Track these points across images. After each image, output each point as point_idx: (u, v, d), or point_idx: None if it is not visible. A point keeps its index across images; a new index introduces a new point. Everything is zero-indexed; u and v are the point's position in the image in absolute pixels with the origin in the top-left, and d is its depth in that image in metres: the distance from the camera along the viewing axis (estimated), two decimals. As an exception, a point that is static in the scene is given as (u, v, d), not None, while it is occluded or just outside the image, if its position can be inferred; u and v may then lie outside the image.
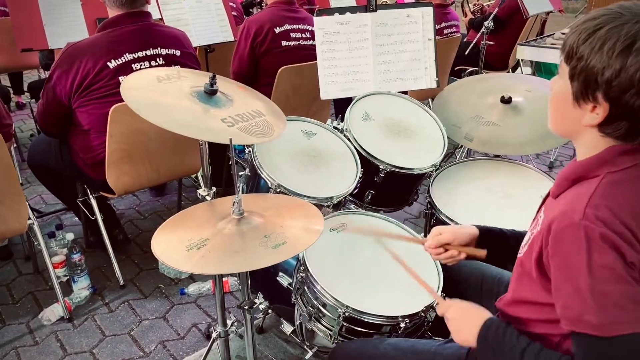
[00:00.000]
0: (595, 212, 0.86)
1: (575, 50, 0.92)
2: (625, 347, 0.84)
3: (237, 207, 1.27)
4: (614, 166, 0.94)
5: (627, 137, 0.93)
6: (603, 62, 0.87)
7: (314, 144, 1.78)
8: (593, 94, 0.91)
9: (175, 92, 1.40)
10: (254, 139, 1.34)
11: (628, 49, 0.85)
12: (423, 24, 2.22)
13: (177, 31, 2.42)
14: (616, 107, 0.89)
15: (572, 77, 0.93)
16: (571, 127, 0.99)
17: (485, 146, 1.96)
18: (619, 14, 0.88)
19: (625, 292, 0.84)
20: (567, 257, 0.88)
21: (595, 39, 0.88)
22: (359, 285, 1.44)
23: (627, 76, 0.86)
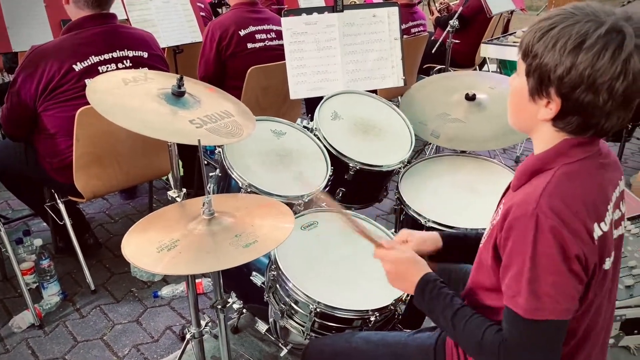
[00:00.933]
0: (548, 202, 0.91)
1: (530, 48, 0.96)
2: (545, 330, 0.92)
3: (207, 207, 1.28)
4: (568, 158, 0.98)
5: (578, 131, 0.97)
6: (555, 59, 0.92)
7: (284, 144, 1.80)
8: (547, 90, 0.95)
9: (142, 94, 1.40)
10: (223, 139, 1.35)
11: (578, 47, 0.90)
12: (389, 24, 2.26)
13: (144, 33, 2.40)
14: (567, 103, 0.94)
15: (527, 74, 0.98)
16: (528, 121, 1.04)
17: (451, 142, 2.01)
18: (571, 14, 0.93)
19: (559, 284, 0.91)
20: (517, 243, 0.93)
21: (548, 37, 0.93)
22: (330, 281, 1.47)
23: (577, 73, 0.90)
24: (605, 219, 0.96)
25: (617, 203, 1.06)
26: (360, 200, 2.03)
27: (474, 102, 2.09)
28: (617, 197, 1.04)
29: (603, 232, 0.95)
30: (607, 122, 0.95)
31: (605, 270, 0.98)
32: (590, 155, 0.99)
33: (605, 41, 0.88)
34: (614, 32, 0.89)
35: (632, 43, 0.89)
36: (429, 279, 1.12)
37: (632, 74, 0.89)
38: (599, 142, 1.01)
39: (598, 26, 0.89)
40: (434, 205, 1.84)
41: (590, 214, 0.93)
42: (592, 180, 0.98)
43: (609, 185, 1.01)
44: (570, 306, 0.92)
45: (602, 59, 0.88)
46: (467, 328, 1.02)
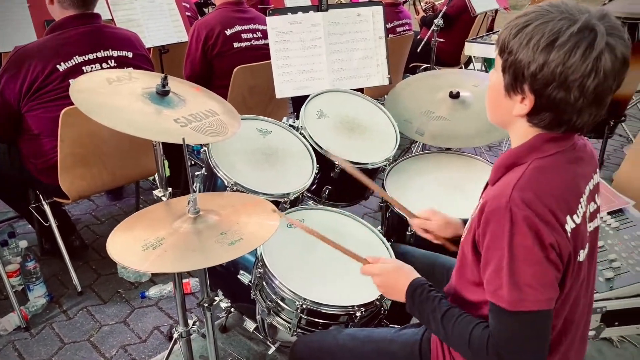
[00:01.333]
0: (520, 195, 0.93)
1: (506, 45, 0.98)
2: (530, 321, 0.93)
3: (193, 205, 1.28)
4: (540, 153, 1.01)
5: (552, 126, 1.00)
6: (529, 56, 0.94)
7: (270, 142, 1.81)
8: (521, 86, 0.97)
9: (126, 94, 1.40)
10: (208, 138, 1.36)
11: (551, 45, 0.91)
12: (374, 23, 2.28)
13: (128, 32, 2.39)
14: (541, 99, 0.96)
15: (503, 70, 1.00)
16: (504, 117, 1.06)
17: (435, 140, 2.03)
18: (547, 12, 0.95)
19: (538, 274, 0.92)
20: (493, 237, 0.95)
21: (523, 34, 0.95)
22: (316, 278, 1.48)
23: (549, 70, 0.92)
24: (578, 212, 0.98)
25: (592, 196, 1.08)
26: (346, 198, 2.04)
27: (458, 99, 2.11)
28: (591, 190, 1.06)
29: (576, 225, 0.97)
30: (579, 118, 0.97)
31: (580, 262, 1.00)
32: (563, 150, 1.01)
33: (577, 39, 0.90)
34: (586, 30, 0.91)
35: (603, 41, 0.90)
36: (417, 284, 1.14)
37: (602, 72, 0.91)
38: (572, 137, 1.03)
39: (571, 24, 0.91)
40: (419, 203, 1.84)
41: (561, 207, 0.95)
42: (564, 175, 1.00)
43: (582, 179, 1.03)
44: (552, 295, 0.94)
45: (573, 56, 0.90)
46: (456, 328, 1.03)
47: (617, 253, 1.56)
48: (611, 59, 0.91)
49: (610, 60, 0.91)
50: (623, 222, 1.68)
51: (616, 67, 0.93)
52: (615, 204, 1.76)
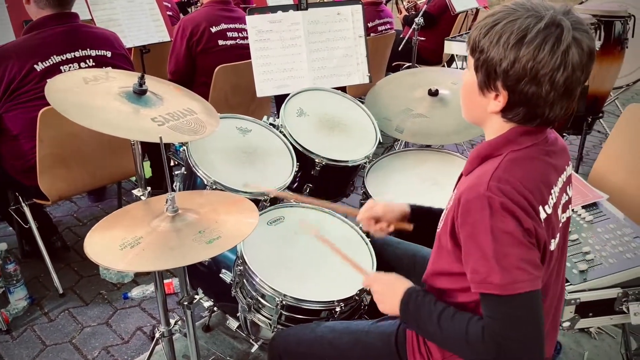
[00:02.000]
0: (497, 185, 0.95)
1: (477, 44, 1.00)
2: (524, 303, 0.94)
3: (171, 204, 1.29)
4: (516, 145, 1.03)
5: (525, 120, 1.03)
6: (500, 54, 0.96)
7: (250, 141, 1.81)
8: (494, 83, 1.00)
9: (103, 93, 1.40)
10: (185, 136, 1.36)
11: (520, 42, 0.94)
12: (353, 22, 2.30)
13: (107, 32, 2.38)
14: (514, 95, 0.99)
15: (476, 69, 1.02)
16: (479, 114, 1.09)
17: (414, 137, 2.05)
18: (513, 10, 0.98)
19: (524, 255, 0.94)
20: (473, 226, 0.97)
21: (493, 33, 0.97)
22: (296, 274, 1.49)
23: (520, 66, 0.95)
24: (549, 202, 1.01)
25: (564, 188, 1.11)
26: (327, 195, 2.04)
27: (437, 97, 2.13)
28: (563, 182, 1.10)
29: (547, 215, 1.00)
30: (551, 111, 1.00)
31: (551, 251, 1.03)
32: (537, 143, 1.04)
33: (544, 35, 0.93)
34: (553, 25, 0.94)
35: (570, 35, 0.94)
36: (413, 290, 1.14)
37: (571, 65, 0.94)
38: (545, 130, 1.06)
39: (538, 21, 0.94)
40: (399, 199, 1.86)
41: (535, 197, 0.98)
42: (538, 166, 1.03)
43: (554, 171, 1.06)
44: (539, 274, 0.96)
45: (542, 51, 0.93)
46: (453, 326, 1.02)
47: (590, 246, 1.59)
48: (578, 52, 0.95)
49: (577, 53, 0.94)
50: (597, 215, 1.72)
51: (583, 59, 0.96)
52: (589, 197, 1.79)
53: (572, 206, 1.79)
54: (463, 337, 1.00)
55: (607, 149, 2.10)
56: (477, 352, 0.99)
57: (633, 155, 1.96)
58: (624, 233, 1.62)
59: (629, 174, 1.96)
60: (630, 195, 1.93)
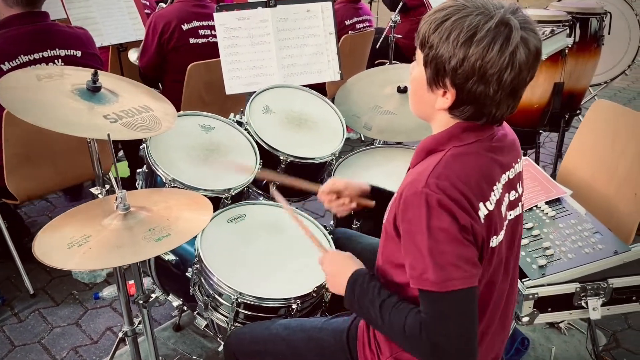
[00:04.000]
0: (435, 181, 0.95)
1: (426, 39, 0.99)
2: (458, 300, 0.94)
3: (121, 202, 1.28)
4: (459, 141, 1.03)
5: (472, 118, 1.02)
6: (449, 51, 0.96)
7: (212, 138, 1.80)
8: (442, 80, 0.99)
9: (56, 91, 1.38)
10: (138, 134, 1.35)
11: (470, 40, 0.94)
12: (323, 19, 2.29)
13: (79, 31, 2.36)
14: (461, 93, 0.98)
15: (425, 64, 1.01)
16: (427, 110, 1.08)
17: (382, 134, 2.05)
18: (463, 6, 0.97)
19: (459, 252, 0.94)
20: (411, 223, 0.97)
21: (443, 29, 0.96)
22: (254, 272, 1.49)
23: (469, 65, 0.94)
24: (491, 199, 1.01)
25: (512, 184, 1.10)
26: (295, 193, 2.04)
27: (405, 94, 2.13)
28: (510, 178, 1.09)
29: (489, 211, 1.00)
30: (497, 110, 1.00)
31: (493, 247, 1.03)
32: (481, 139, 1.03)
33: (494, 34, 0.93)
34: (502, 25, 0.94)
35: (518, 35, 0.94)
36: (359, 273, 1.13)
37: (518, 65, 0.95)
38: (492, 127, 1.06)
39: (487, 19, 0.94)
40: (366, 196, 1.87)
41: (475, 193, 0.98)
42: (480, 162, 1.02)
43: (499, 168, 1.06)
44: (475, 271, 0.96)
45: (491, 51, 0.93)
46: (394, 316, 1.02)
47: (551, 241, 1.60)
48: (525, 53, 0.95)
49: (524, 53, 0.94)
50: (559, 211, 1.72)
51: (530, 60, 0.96)
52: (553, 193, 1.80)
53: (537, 202, 1.81)
54: (401, 329, 1.00)
55: (575, 144, 2.11)
56: (412, 346, 0.99)
57: (599, 150, 1.97)
58: (585, 228, 1.63)
59: (595, 170, 1.97)
60: (595, 190, 1.94)
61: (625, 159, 1.86)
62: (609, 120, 1.98)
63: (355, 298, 1.10)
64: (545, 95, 3.02)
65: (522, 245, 1.61)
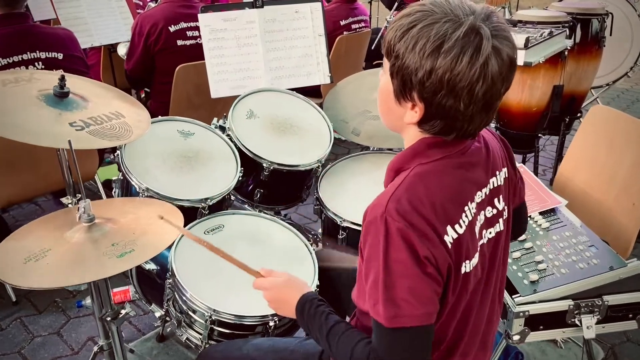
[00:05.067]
0: (395, 206, 0.88)
1: (392, 48, 0.91)
2: (408, 337, 0.88)
3: (85, 212, 1.21)
4: (424, 158, 0.95)
5: (442, 133, 0.94)
6: (416, 62, 0.87)
7: (191, 145, 1.73)
8: (410, 93, 0.91)
9: (20, 97, 1.32)
10: (105, 142, 1.28)
11: (437, 50, 0.85)
12: (313, 19, 2.22)
13: (61, 32, 2.30)
14: (430, 107, 0.90)
15: (392, 75, 0.93)
16: (396, 122, 1.00)
17: (371, 140, 1.97)
18: (431, 11, 0.88)
19: (414, 287, 0.87)
20: (371, 249, 0.90)
21: (409, 37, 0.88)
22: (230, 287, 1.42)
23: (437, 78, 0.86)
24: (461, 221, 0.93)
25: (487, 202, 1.02)
26: (281, 200, 1.97)
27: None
28: (486, 195, 1.01)
29: (458, 235, 0.92)
30: (470, 125, 0.92)
31: (466, 272, 0.95)
32: (449, 155, 0.95)
33: (462, 44, 0.85)
34: (472, 33, 0.85)
35: (490, 45, 0.85)
36: (306, 299, 1.07)
37: (490, 77, 0.86)
38: (463, 141, 0.97)
39: (456, 27, 0.85)
40: (352, 204, 1.80)
41: (440, 217, 0.90)
42: (447, 181, 0.94)
43: (472, 185, 0.98)
44: (431, 309, 0.89)
45: (460, 63, 0.85)
46: (340, 344, 0.96)
47: (544, 254, 1.52)
48: (498, 63, 0.86)
49: (497, 64, 0.86)
50: (554, 222, 1.64)
51: (503, 71, 0.88)
52: (548, 203, 1.72)
53: (531, 212, 1.72)
54: (348, 357, 0.94)
55: (571, 152, 2.03)
56: None
57: (595, 158, 1.89)
58: (579, 241, 1.55)
59: (592, 178, 1.89)
60: (592, 199, 1.86)
61: (623, 167, 1.78)
62: (607, 126, 1.90)
63: (304, 322, 1.05)
64: (544, 98, 2.94)
65: (513, 259, 1.54)
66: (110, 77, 3.58)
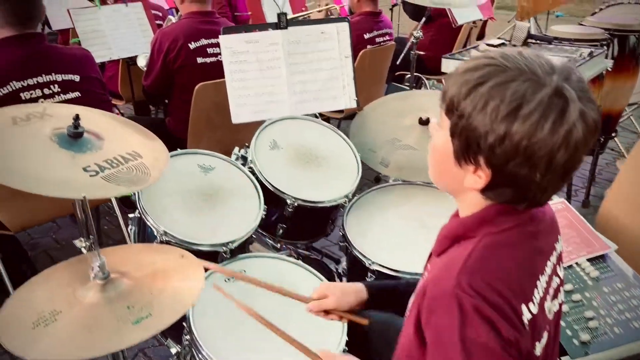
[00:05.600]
0: (469, 281, 0.77)
1: (456, 105, 0.81)
2: None
3: (99, 270, 1.11)
4: (493, 226, 0.85)
5: (510, 202, 0.84)
6: (486, 125, 0.77)
7: (212, 180, 1.62)
8: (474, 156, 0.81)
9: (31, 137, 1.22)
10: (121, 188, 1.18)
11: (514, 113, 0.75)
12: (339, 41, 2.10)
13: (78, 52, 2.22)
14: (499, 175, 0.80)
15: (453, 134, 0.83)
16: (452, 185, 0.90)
17: (401, 172, 1.86)
18: (503, 67, 0.78)
19: None
20: (440, 330, 0.79)
21: (477, 96, 0.78)
22: (253, 345, 1.30)
23: (511, 144, 0.76)
24: (534, 299, 0.83)
25: (554, 271, 0.92)
26: (304, 236, 1.87)
27: (427, 126, 1.93)
28: (553, 265, 0.91)
29: (532, 315, 0.81)
30: (543, 195, 0.82)
31: (536, 356, 0.84)
32: (520, 224, 0.85)
33: (545, 108, 0.74)
34: (556, 96, 0.75)
35: (576, 110, 0.75)
36: None
37: (574, 145, 0.76)
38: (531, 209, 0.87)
39: (537, 88, 0.75)
40: (381, 243, 1.68)
41: (516, 294, 0.79)
42: (520, 254, 0.84)
43: (542, 256, 0.88)
44: None
45: (541, 129, 0.75)
46: None
47: (595, 309, 1.39)
48: (583, 129, 0.76)
49: (582, 130, 0.76)
50: (603, 271, 1.51)
51: (588, 137, 0.78)
52: (596, 248, 1.58)
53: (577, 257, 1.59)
54: None
55: (617, 188, 1.88)
56: None
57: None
58: (632, 295, 1.42)
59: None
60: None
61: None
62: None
63: None
64: (579, 119, 2.80)
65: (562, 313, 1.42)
66: (128, 89, 3.52)
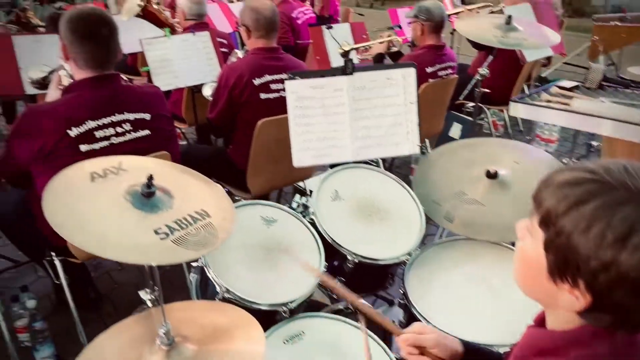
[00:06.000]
0: None
1: (553, 220, 0.75)
2: None
3: (164, 337, 1.13)
4: (587, 349, 0.78)
5: (610, 327, 0.77)
6: (589, 248, 0.71)
7: (274, 233, 1.62)
8: (572, 277, 0.75)
9: (106, 197, 1.26)
10: (190, 253, 1.20)
11: (622, 241, 0.69)
12: (405, 87, 2.07)
13: (149, 90, 2.30)
14: (600, 301, 0.74)
15: (547, 248, 0.78)
16: (545, 299, 0.84)
17: (466, 229, 1.78)
18: (609, 185, 0.72)
19: None
20: None
21: (579, 215, 0.72)
22: None
23: (617, 272, 0.70)
24: None
25: None
26: (362, 289, 1.83)
27: (496, 180, 1.86)
28: None
29: None
30: None
31: None
32: (616, 351, 0.77)
33: None
34: None
35: None
36: None
37: None
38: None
39: None
40: (443, 308, 1.62)
41: None
42: None
43: None
44: None
45: None
46: None
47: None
48: None
49: None
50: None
51: None
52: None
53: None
54: None
55: None
56: None
57: None
58: None
59: None
60: None
61: None
62: None
63: None
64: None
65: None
66: (192, 114, 3.63)
